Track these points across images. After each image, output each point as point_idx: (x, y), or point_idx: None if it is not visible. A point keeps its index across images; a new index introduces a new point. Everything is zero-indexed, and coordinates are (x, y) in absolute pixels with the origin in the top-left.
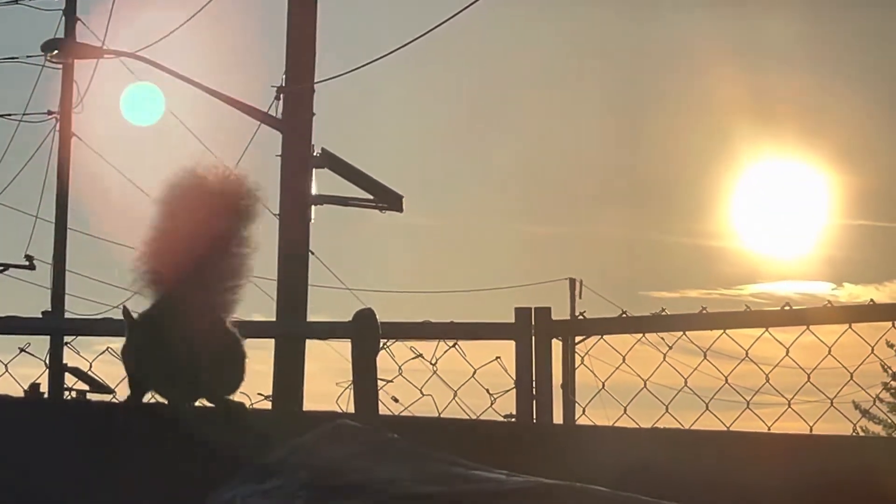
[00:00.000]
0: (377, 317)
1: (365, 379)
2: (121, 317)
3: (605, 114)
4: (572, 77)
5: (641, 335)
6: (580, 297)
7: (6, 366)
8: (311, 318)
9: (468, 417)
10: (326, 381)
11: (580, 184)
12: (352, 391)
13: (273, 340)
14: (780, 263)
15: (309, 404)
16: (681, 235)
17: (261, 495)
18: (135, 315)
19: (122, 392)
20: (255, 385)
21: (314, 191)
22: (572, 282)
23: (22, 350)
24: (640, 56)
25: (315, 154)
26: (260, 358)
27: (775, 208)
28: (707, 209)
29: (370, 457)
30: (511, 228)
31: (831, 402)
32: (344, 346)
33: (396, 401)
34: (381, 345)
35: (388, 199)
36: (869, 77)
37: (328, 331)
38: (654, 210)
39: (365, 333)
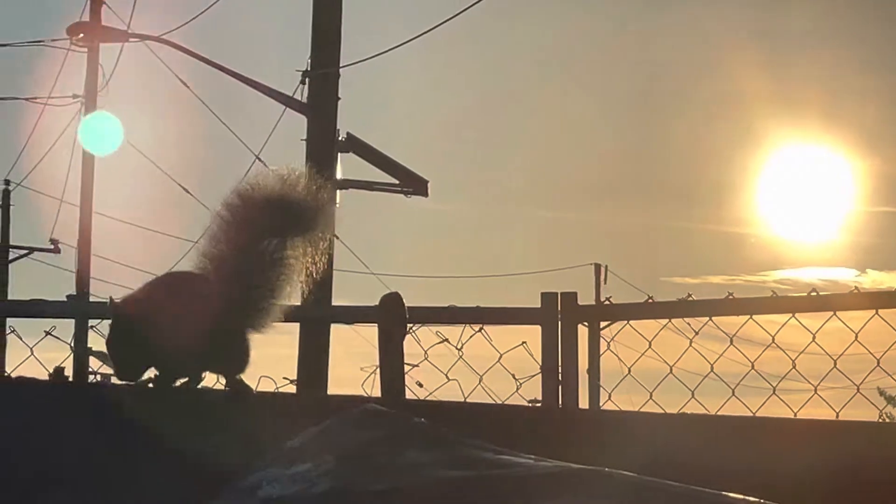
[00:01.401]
0: (404, 301)
1: (391, 363)
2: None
3: (630, 100)
4: (597, 63)
5: (668, 321)
6: (605, 283)
7: (31, 349)
8: (335, 302)
9: (494, 402)
10: (350, 365)
11: (604, 170)
12: (377, 375)
13: (298, 325)
14: (804, 250)
15: (333, 388)
16: (704, 221)
17: (287, 479)
18: (124, 301)
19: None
20: (282, 369)
21: (339, 175)
22: (597, 267)
23: (48, 333)
24: (664, 42)
25: (340, 138)
26: (285, 342)
27: (799, 194)
28: (731, 195)
29: (397, 441)
30: (535, 214)
31: (857, 389)
32: (368, 331)
33: (421, 385)
34: (408, 329)
35: (413, 184)
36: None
37: (355, 315)
38: (677, 196)
39: (392, 318)
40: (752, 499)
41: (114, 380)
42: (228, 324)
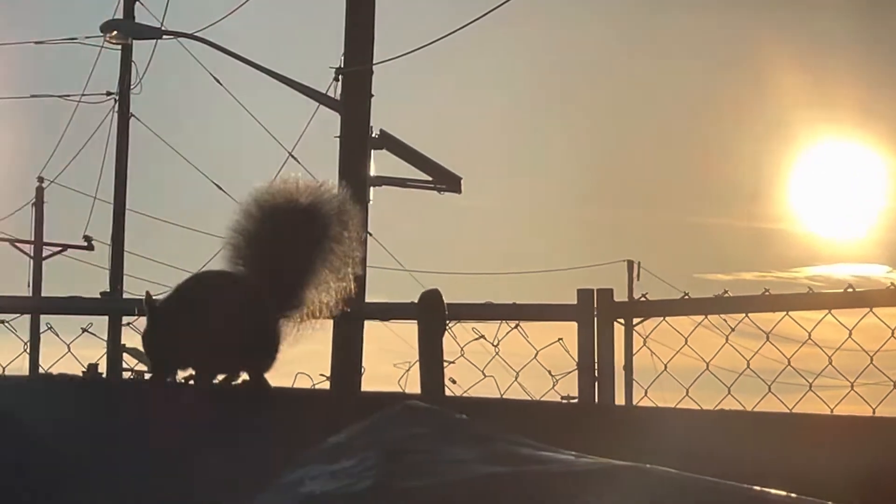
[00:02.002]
0: (443, 298)
1: (431, 359)
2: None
3: (662, 96)
4: (630, 61)
5: (703, 317)
6: (638, 280)
7: (69, 346)
8: (367, 299)
9: (531, 399)
10: (382, 362)
11: (636, 166)
12: (410, 372)
13: (332, 321)
14: (836, 246)
15: (366, 385)
16: (736, 218)
17: (328, 476)
18: (163, 299)
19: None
20: (312, 365)
21: (372, 172)
22: (630, 264)
23: (84, 330)
24: (696, 39)
25: (373, 135)
26: (315, 338)
27: (831, 191)
28: (762, 192)
29: (438, 438)
30: (568, 210)
31: (894, 385)
32: (400, 328)
33: (454, 382)
34: (446, 326)
35: (446, 181)
36: None
37: (392, 311)
38: (709, 193)
39: (431, 314)
40: (791, 495)
41: (147, 377)
42: (263, 322)
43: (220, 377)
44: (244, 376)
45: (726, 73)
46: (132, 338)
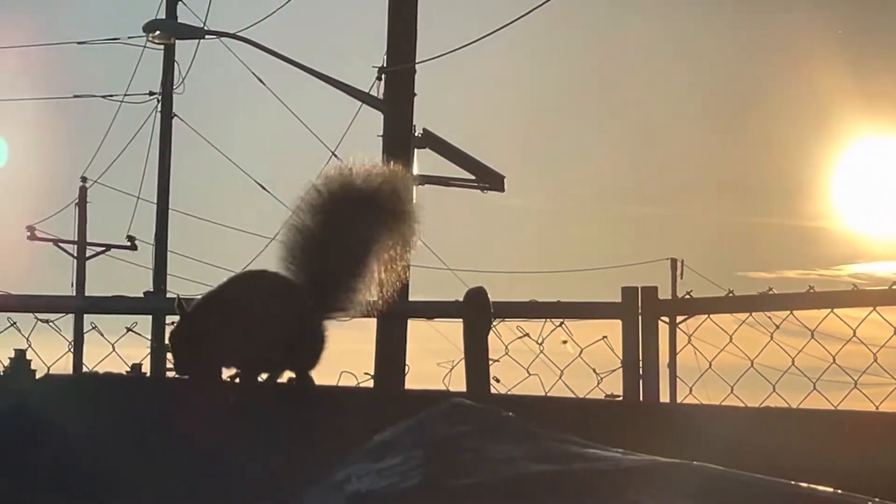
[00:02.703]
0: (488, 296)
1: (477, 357)
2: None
3: (705, 95)
4: (674, 59)
5: (748, 315)
6: (681, 278)
7: (113, 346)
8: (412, 298)
9: (575, 397)
10: (425, 360)
11: (679, 164)
12: (453, 371)
13: (375, 320)
14: (879, 243)
15: (409, 384)
16: (778, 216)
17: (376, 474)
18: (203, 298)
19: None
20: (354, 364)
21: (416, 171)
22: (673, 262)
23: (129, 330)
24: (739, 39)
25: (416, 134)
26: (357, 337)
27: (874, 188)
28: (805, 189)
29: (485, 435)
30: (611, 209)
31: None
32: (444, 326)
33: (497, 381)
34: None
35: (489, 180)
36: None
37: (436, 309)
38: (751, 191)
39: (477, 312)
40: (837, 491)
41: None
42: (306, 321)
43: (264, 376)
44: (289, 375)
45: (769, 70)
46: None
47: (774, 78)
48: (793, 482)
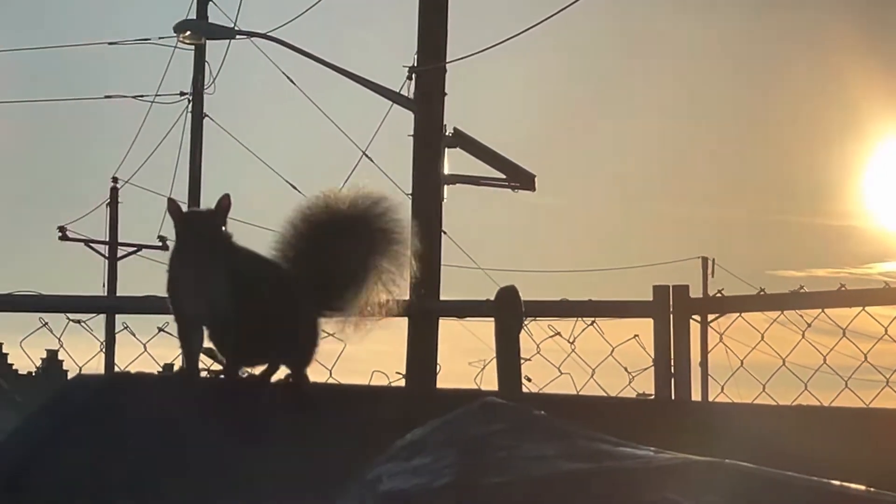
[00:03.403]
0: (519, 294)
1: (508, 357)
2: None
3: (737, 93)
4: (705, 57)
5: (780, 313)
6: (712, 276)
7: (145, 346)
8: (443, 297)
9: (607, 395)
10: (456, 360)
11: (709, 164)
12: (486, 371)
13: (397, 320)
14: None
15: (441, 384)
16: (808, 215)
17: (408, 473)
18: None
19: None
20: (383, 364)
21: (446, 170)
22: (704, 260)
23: (160, 329)
24: (769, 37)
25: (447, 134)
26: (385, 338)
27: None
28: (835, 188)
29: (517, 434)
30: (641, 207)
31: None
32: (475, 326)
33: (529, 380)
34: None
35: (520, 179)
36: None
37: (467, 309)
38: (781, 189)
39: (508, 311)
40: (870, 489)
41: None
42: (298, 315)
43: (259, 369)
44: (286, 371)
45: (800, 67)
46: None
47: (806, 75)
48: (825, 480)
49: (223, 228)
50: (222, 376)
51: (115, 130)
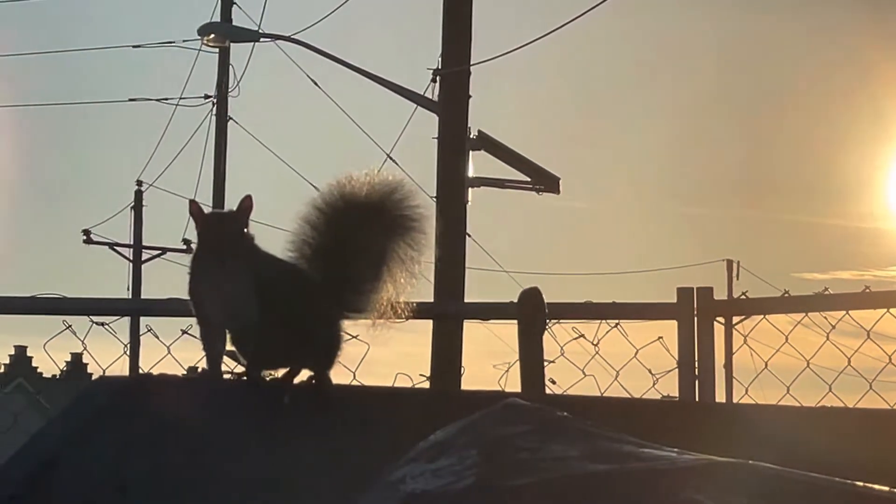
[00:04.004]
0: (543, 297)
1: (532, 359)
2: None
3: (760, 95)
4: (728, 59)
5: (804, 315)
6: (737, 279)
7: (168, 348)
8: (467, 299)
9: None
10: (480, 362)
11: (733, 166)
12: (510, 373)
13: (430, 322)
14: None
15: (465, 386)
16: (832, 216)
17: (431, 474)
18: None
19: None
20: (408, 366)
21: (470, 173)
22: (729, 263)
23: (184, 332)
24: (793, 37)
25: (471, 136)
26: (410, 340)
27: None
28: (859, 190)
29: (540, 435)
30: (665, 210)
31: None
32: (500, 328)
33: (554, 382)
34: (546, 325)
35: (544, 181)
36: None
37: (491, 311)
38: (805, 191)
39: (531, 313)
40: (894, 490)
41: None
42: (321, 315)
43: (281, 372)
44: (307, 373)
45: (825, 68)
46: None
47: (832, 76)
48: (849, 481)
49: (245, 230)
50: (245, 378)
51: (139, 133)
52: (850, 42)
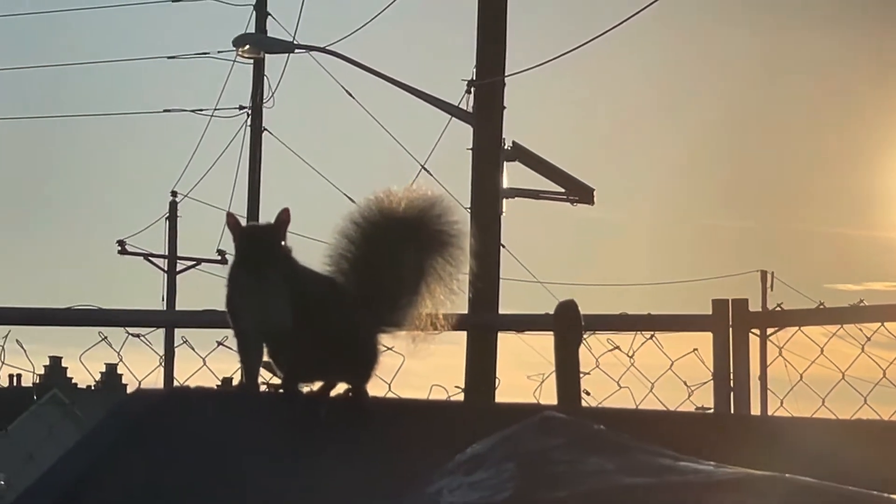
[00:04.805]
0: (579, 308)
1: (567, 370)
2: None
3: (794, 106)
4: (762, 70)
5: (838, 327)
6: (772, 290)
7: (204, 360)
8: (501, 311)
9: (666, 409)
10: (515, 374)
11: (766, 177)
12: (544, 385)
13: (465, 333)
14: None
15: (500, 397)
16: (866, 228)
17: (467, 487)
18: None
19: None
20: (442, 378)
21: (505, 184)
22: (763, 274)
23: (220, 343)
24: (826, 48)
25: (506, 147)
26: (444, 352)
27: None
28: (893, 201)
29: (577, 448)
30: (700, 221)
31: None
32: (534, 340)
33: (588, 394)
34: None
35: (579, 192)
36: None
37: (526, 323)
38: (838, 202)
39: (567, 325)
40: None
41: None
42: (359, 332)
43: (318, 384)
44: (344, 386)
45: (859, 82)
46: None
47: (867, 89)
48: (885, 495)
49: (282, 243)
50: (281, 391)
51: (174, 144)
52: (885, 55)
